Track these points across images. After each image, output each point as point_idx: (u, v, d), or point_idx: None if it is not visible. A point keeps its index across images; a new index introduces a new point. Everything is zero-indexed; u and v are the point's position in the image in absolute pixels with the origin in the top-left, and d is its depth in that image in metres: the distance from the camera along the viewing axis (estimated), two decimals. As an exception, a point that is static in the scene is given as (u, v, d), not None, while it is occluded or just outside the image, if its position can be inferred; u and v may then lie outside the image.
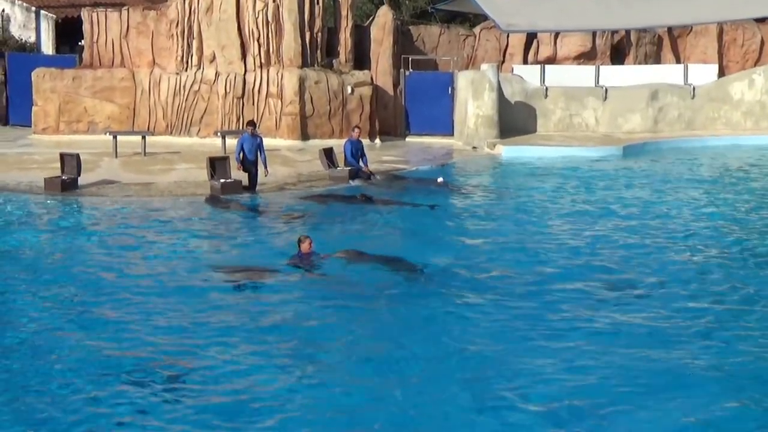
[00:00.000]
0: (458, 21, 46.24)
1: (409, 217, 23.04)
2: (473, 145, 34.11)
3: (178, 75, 34.72)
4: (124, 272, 17.47)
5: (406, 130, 36.49)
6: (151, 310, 15.12)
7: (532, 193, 26.07)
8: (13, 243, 19.89)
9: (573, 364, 12.93)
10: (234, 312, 15.12)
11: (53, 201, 24.47)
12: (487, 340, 13.89)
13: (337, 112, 34.21)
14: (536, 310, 15.28)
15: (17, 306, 15.42)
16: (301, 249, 17.79)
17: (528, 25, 37.50)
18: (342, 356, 13.36)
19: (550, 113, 36.89)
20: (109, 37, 35.79)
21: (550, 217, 22.75)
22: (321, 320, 14.76)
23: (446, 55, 38.66)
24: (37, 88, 35.29)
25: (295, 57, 34.07)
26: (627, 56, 40.47)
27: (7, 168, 28.41)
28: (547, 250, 19.44)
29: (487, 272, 17.63)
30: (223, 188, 24.89)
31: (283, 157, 30.32)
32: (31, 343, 13.63)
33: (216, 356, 13.08)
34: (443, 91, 36.07)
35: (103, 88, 35.11)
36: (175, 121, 34.65)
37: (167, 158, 30.26)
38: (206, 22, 34.48)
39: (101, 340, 13.63)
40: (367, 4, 48.09)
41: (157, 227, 21.31)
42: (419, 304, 15.59)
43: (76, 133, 34.89)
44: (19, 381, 12.25)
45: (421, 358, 13.18)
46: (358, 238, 20.25)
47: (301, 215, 22.76)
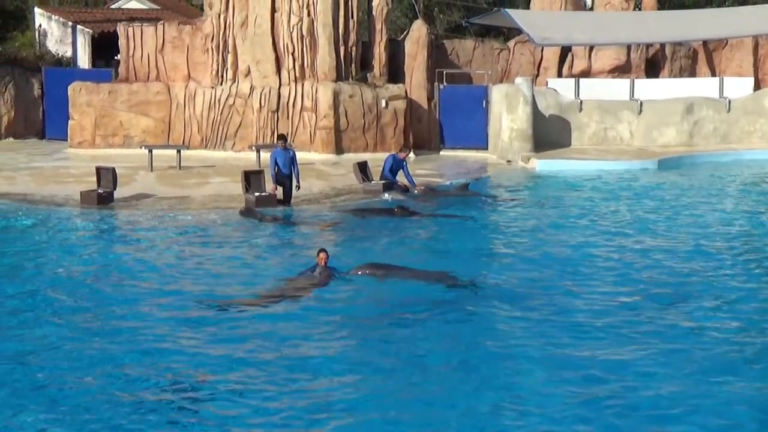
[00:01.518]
0: (492, 35, 46.22)
1: (446, 229, 22.99)
2: (507, 158, 34.08)
3: (213, 89, 34.86)
4: (158, 285, 17.49)
5: (440, 144, 36.53)
6: (183, 324, 15.10)
7: (567, 206, 25.96)
8: (50, 256, 19.96)
9: (620, 382, 12.74)
10: (262, 331, 15.08)
11: (89, 214, 24.56)
12: (522, 351, 13.80)
13: (372, 125, 34.25)
14: (573, 324, 15.15)
15: (52, 319, 15.42)
16: (318, 262, 17.79)
17: (562, 39, 37.46)
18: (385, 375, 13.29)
19: (585, 127, 36.79)
20: (144, 52, 36.02)
21: (585, 231, 22.62)
22: (349, 339, 14.73)
23: (480, 69, 38.65)
24: (73, 102, 35.53)
25: (329, 71, 34.15)
26: (662, 70, 40.35)
27: (43, 181, 28.58)
28: (583, 263, 19.32)
29: (521, 285, 17.55)
30: (258, 201, 24.93)
31: (317, 171, 30.37)
32: (63, 355, 13.63)
33: (237, 378, 13.03)
34: (477, 104, 36.07)
35: (139, 102, 35.32)
36: (210, 135, 34.78)
37: (202, 172, 30.36)
38: (241, 36, 34.61)
39: (132, 355, 13.64)
40: (402, 18, 48.19)
41: (192, 241, 21.34)
42: (451, 318, 15.52)
43: (112, 146, 35.13)
44: (51, 393, 12.30)
45: (460, 376, 13.05)
46: (395, 251, 20.26)
47: (334, 226, 22.80)
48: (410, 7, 48.46)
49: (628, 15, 40.55)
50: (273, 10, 34.38)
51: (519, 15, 39.52)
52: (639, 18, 40.74)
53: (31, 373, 12.93)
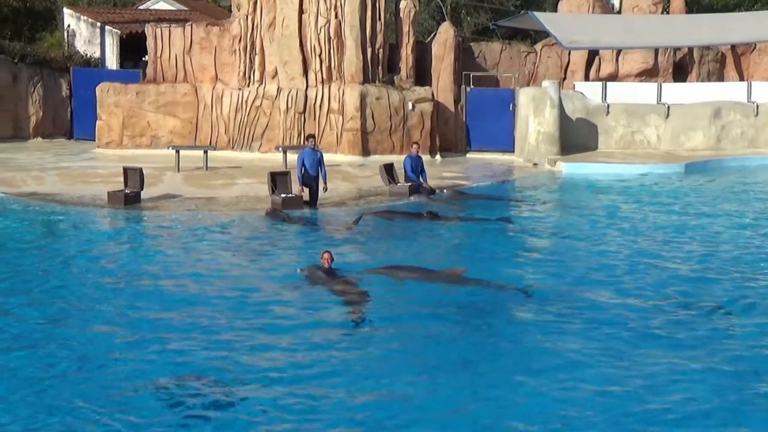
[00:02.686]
0: (519, 38, 46.20)
1: (474, 232, 23.00)
2: (534, 161, 34.02)
3: (240, 90, 34.94)
4: (185, 285, 17.54)
5: (466, 147, 36.54)
6: (213, 323, 15.13)
7: (594, 210, 25.87)
8: (77, 256, 20.04)
9: (651, 389, 12.65)
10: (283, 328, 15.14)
11: (116, 215, 24.66)
12: (550, 357, 13.78)
13: (398, 128, 34.25)
14: (601, 327, 15.10)
15: (80, 319, 15.49)
16: (322, 263, 17.86)
17: (590, 42, 37.42)
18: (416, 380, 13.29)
19: (612, 130, 36.72)
20: (172, 53, 36.15)
21: (612, 235, 22.56)
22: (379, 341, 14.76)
23: (507, 72, 38.64)
24: (101, 103, 35.69)
25: (356, 73, 34.19)
26: (689, 73, 40.25)
27: (71, 181, 28.71)
28: (609, 267, 19.26)
29: (549, 289, 17.49)
30: (284, 203, 24.95)
31: (343, 173, 30.39)
32: (92, 355, 13.70)
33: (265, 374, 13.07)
34: (504, 107, 36.05)
35: (166, 103, 35.45)
36: (237, 136, 34.86)
37: (229, 173, 30.42)
38: (269, 38, 34.69)
39: (161, 354, 13.70)
40: (429, 21, 48.16)
41: (218, 241, 21.39)
42: (474, 323, 15.53)
43: (139, 147, 35.27)
44: (72, 394, 12.36)
45: (487, 383, 13.02)
46: (422, 254, 20.28)
47: (361, 228, 22.81)
48: (437, 10, 48.47)
49: (656, 18, 40.48)
50: (300, 12, 34.44)
51: (546, 18, 39.50)
52: (667, 21, 40.67)
53: (58, 371, 13.03)
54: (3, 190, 27.34)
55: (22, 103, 39.02)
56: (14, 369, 13.06)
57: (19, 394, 12.18)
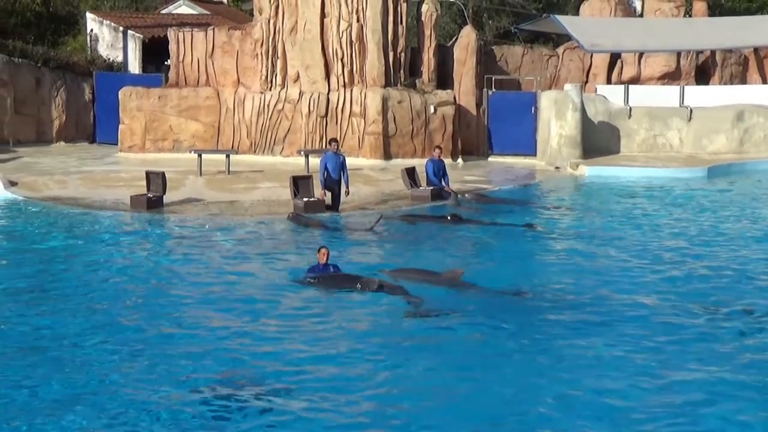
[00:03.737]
0: (541, 41, 46.20)
1: (497, 236, 22.95)
2: (556, 165, 33.99)
3: (262, 94, 34.99)
4: (208, 289, 17.59)
5: (488, 150, 36.49)
6: (234, 327, 15.19)
7: (616, 214, 25.85)
8: (100, 260, 20.11)
9: (676, 398, 12.61)
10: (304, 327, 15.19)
11: (139, 218, 24.72)
12: (568, 366, 13.72)
13: (420, 131, 34.25)
14: (625, 330, 15.08)
15: (104, 322, 15.52)
16: (318, 260, 18.05)
17: (612, 45, 37.40)
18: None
19: (634, 133, 36.66)
20: (194, 57, 36.22)
21: (635, 239, 22.49)
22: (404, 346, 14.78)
23: (529, 75, 38.63)
24: (123, 107, 35.79)
25: (378, 76, 34.20)
26: (712, 76, 40.18)
27: (94, 185, 28.79)
28: (633, 270, 19.25)
29: (572, 292, 17.49)
30: (306, 207, 24.98)
31: (365, 177, 30.40)
32: (115, 358, 13.76)
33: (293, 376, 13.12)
34: (526, 110, 36.00)
35: (189, 107, 35.52)
36: (259, 140, 34.91)
37: (251, 177, 30.46)
38: (290, 42, 34.73)
39: (184, 356, 13.75)
40: (451, 24, 48.16)
41: (241, 245, 21.43)
42: (499, 329, 15.53)
43: (162, 151, 35.34)
44: (105, 398, 12.41)
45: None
46: (445, 257, 20.30)
47: (384, 232, 22.84)
48: (459, 13, 48.48)
49: (679, 21, 40.41)
50: (322, 16, 34.47)
51: (568, 21, 39.50)
52: (689, 24, 40.58)
53: (83, 373, 13.08)
54: (26, 194, 27.44)
55: (45, 107, 39.17)
56: (39, 375, 13.14)
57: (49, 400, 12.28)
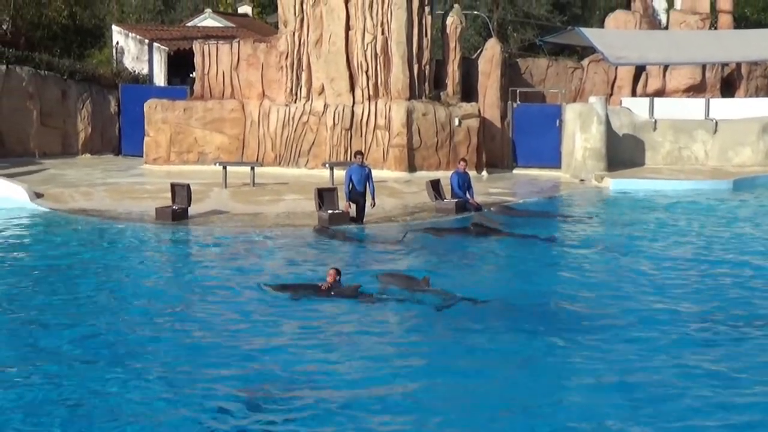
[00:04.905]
0: (566, 53, 46.21)
1: (521, 248, 22.93)
2: (580, 177, 33.94)
3: (287, 106, 35.05)
4: (233, 301, 17.63)
5: (513, 162, 36.46)
6: (259, 340, 15.22)
7: (641, 226, 25.78)
8: (126, 272, 20.18)
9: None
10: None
11: (164, 230, 24.79)
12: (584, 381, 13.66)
13: (445, 144, 34.24)
14: (647, 345, 15.04)
15: (129, 334, 15.59)
16: (327, 279, 18.15)
17: (637, 58, 37.33)
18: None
19: (659, 146, 36.57)
20: (219, 69, 36.31)
21: (660, 252, 22.44)
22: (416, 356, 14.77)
23: (554, 88, 38.59)
24: (149, 119, 35.88)
25: (403, 89, 34.22)
26: (737, 89, 40.07)
27: (119, 197, 28.87)
28: (658, 283, 19.19)
29: (596, 305, 17.46)
30: (331, 219, 25.01)
31: (390, 189, 30.39)
32: (142, 369, 13.80)
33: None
34: (551, 123, 35.96)
35: (214, 120, 35.60)
36: (284, 152, 34.96)
37: (275, 189, 30.50)
38: (315, 54, 34.80)
39: (208, 367, 13.80)
40: (475, 37, 48.25)
41: (266, 257, 21.50)
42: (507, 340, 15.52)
43: (187, 163, 35.41)
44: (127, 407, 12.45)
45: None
46: (467, 270, 20.32)
47: (408, 244, 22.82)
48: (484, 26, 48.56)
49: (704, 34, 40.30)
50: (347, 28, 34.54)
51: (593, 34, 39.44)
52: (714, 37, 40.47)
53: (111, 388, 13.13)
54: (52, 205, 27.56)
55: (71, 119, 39.31)
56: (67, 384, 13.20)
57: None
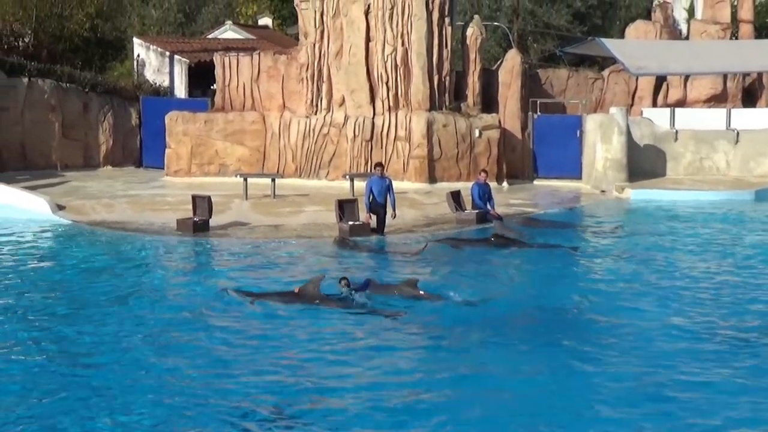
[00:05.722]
0: (587, 64, 46.10)
1: (541, 259, 22.92)
2: (601, 188, 33.87)
3: (307, 118, 35.10)
4: (253, 314, 17.61)
5: (533, 173, 36.40)
6: (277, 352, 15.23)
7: (662, 237, 25.70)
8: (147, 284, 20.22)
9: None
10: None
11: (185, 242, 24.85)
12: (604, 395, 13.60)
13: (465, 155, 34.22)
14: (669, 358, 14.99)
15: (150, 346, 15.62)
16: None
17: (657, 68, 37.24)
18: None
19: (680, 156, 36.45)
20: (240, 81, 36.41)
21: (681, 263, 22.36)
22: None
23: (574, 98, 38.52)
24: (170, 131, 36.00)
25: (423, 100, 34.23)
26: (759, 99, 39.91)
27: (140, 209, 28.96)
28: (679, 295, 19.12)
29: (616, 316, 17.41)
30: (352, 230, 25.02)
31: (410, 200, 30.39)
32: (163, 382, 13.80)
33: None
34: (571, 134, 35.89)
35: (234, 131, 35.69)
36: (305, 164, 35.00)
37: (296, 200, 30.55)
38: (336, 66, 34.85)
39: (228, 380, 13.80)
40: (495, 48, 48.20)
41: (286, 269, 21.48)
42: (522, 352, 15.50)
43: (207, 175, 35.51)
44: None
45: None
46: (485, 280, 20.31)
47: (428, 256, 22.80)
48: (504, 37, 48.53)
49: (725, 44, 40.18)
50: (367, 40, 34.59)
51: (614, 44, 39.35)
52: (736, 47, 40.34)
53: (136, 400, 13.16)
54: (74, 217, 27.67)
55: (92, 131, 39.44)
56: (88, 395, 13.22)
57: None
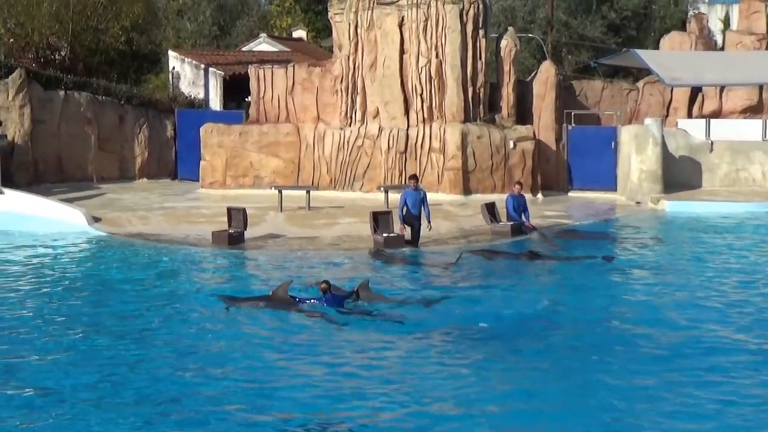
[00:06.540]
0: (621, 75, 45.97)
1: (572, 271, 22.87)
2: (636, 200, 33.75)
3: (342, 130, 35.15)
4: (297, 325, 17.63)
5: (568, 185, 36.30)
6: (313, 365, 15.25)
7: (698, 249, 25.58)
8: (183, 296, 20.27)
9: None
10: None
11: (221, 254, 24.92)
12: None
13: (500, 166, 34.18)
14: (703, 370, 14.94)
15: (184, 360, 15.66)
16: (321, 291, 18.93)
17: (692, 79, 37.09)
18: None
19: (716, 168, 36.30)
20: (274, 93, 36.50)
21: (717, 275, 22.24)
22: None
23: (609, 110, 38.43)
24: (205, 143, 36.14)
25: (457, 112, 34.24)
26: (796, 110, 39.67)
27: (176, 221, 29.07)
28: (714, 308, 19.04)
29: (649, 329, 17.32)
30: (386, 242, 25.04)
31: (445, 212, 30.38)
32: (208, 395, 13.82)
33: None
34: (606, 145, 35.79)
35: (269, 143, 35.78)
36: (339, 176, 35.05)
37: (331, 212, 30.59)
38: (370, 78, 34.91)
39: (267, 395, 13.84)
40: (530, 59, 48.12)
41: (321, 281, 21.45)
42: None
43: (242, 187, 35.61)
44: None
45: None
46: (520, 293, 20.28)
47: (461, 268, 22.78)
48: (538, 48, 48.45)
49: (760, 55, 39.95)
50: (402, 52, 34.64)
51: (648, 55, 39.24)
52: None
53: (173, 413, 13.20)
54: (110, 229, 27.81)
55: (128, 144, 39.65)
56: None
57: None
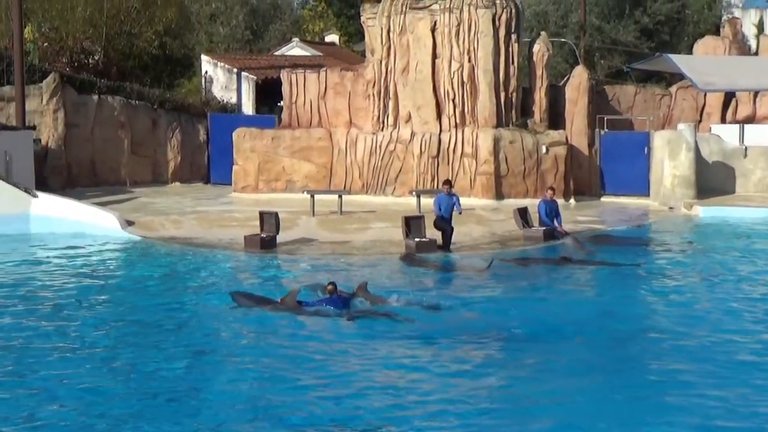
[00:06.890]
0: (654, 80, 45.90)
1: (604, 278, 22.83)
2: (669, 205, 33.62)
3: (374, 135, 35.17)
4: (320, 330, 17.66)
5: (600, 190, 36.19)
6: (346, 371, 15.25)
7: (732, 255, 25.44)
8: (215, 300, 20.29)
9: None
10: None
11: (253, 258, 24.97)
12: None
13: (532, 171, 34.11)
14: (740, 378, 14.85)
15: (218, 363, 15.70)
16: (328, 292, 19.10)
17: (726, 84, 36.94)
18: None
19: (750, 173, 36.11)
20: (307, 98, 36.54)
21: (752, 282, 22.15)
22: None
23: (642, 115, 38.31)
24: (237, 148, 36.22)
25: (489, 117, 34.20)
26: (830, 115, 39.47)
27: (208, 225, 29.13)
28: (749, 314, 18.94)
29: (683, 337, 17.24)
30: (418, 247, 25.04)
31: (477, 217, 30.34)
32: (235, 402, 13.82)
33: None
34: (639, 150, 35.66)
35: (301, 148, 35.82)
36: (371, 180, 35.06)
37: (363, 217, 30.58)
38: (402, 82, 34.92)
39: (304, 401, 13.83)
40: (562, 64, 48.07)
41: (353, 285, 21.45)
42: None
43: (275, 191, 35.66)
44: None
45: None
46: (552, 298, 20.24)
47: (493, 273, 22.75)
48: (571, 53, 48.38)
49: (795, 59, 39.83)
50: (434, 57, 34.64)
51: (681, 60, 39.13)
52: (807, 62, 39.95)
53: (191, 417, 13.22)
54: (143, 233, 27.90)
55: (161, 148, 39.83)
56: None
57: None
